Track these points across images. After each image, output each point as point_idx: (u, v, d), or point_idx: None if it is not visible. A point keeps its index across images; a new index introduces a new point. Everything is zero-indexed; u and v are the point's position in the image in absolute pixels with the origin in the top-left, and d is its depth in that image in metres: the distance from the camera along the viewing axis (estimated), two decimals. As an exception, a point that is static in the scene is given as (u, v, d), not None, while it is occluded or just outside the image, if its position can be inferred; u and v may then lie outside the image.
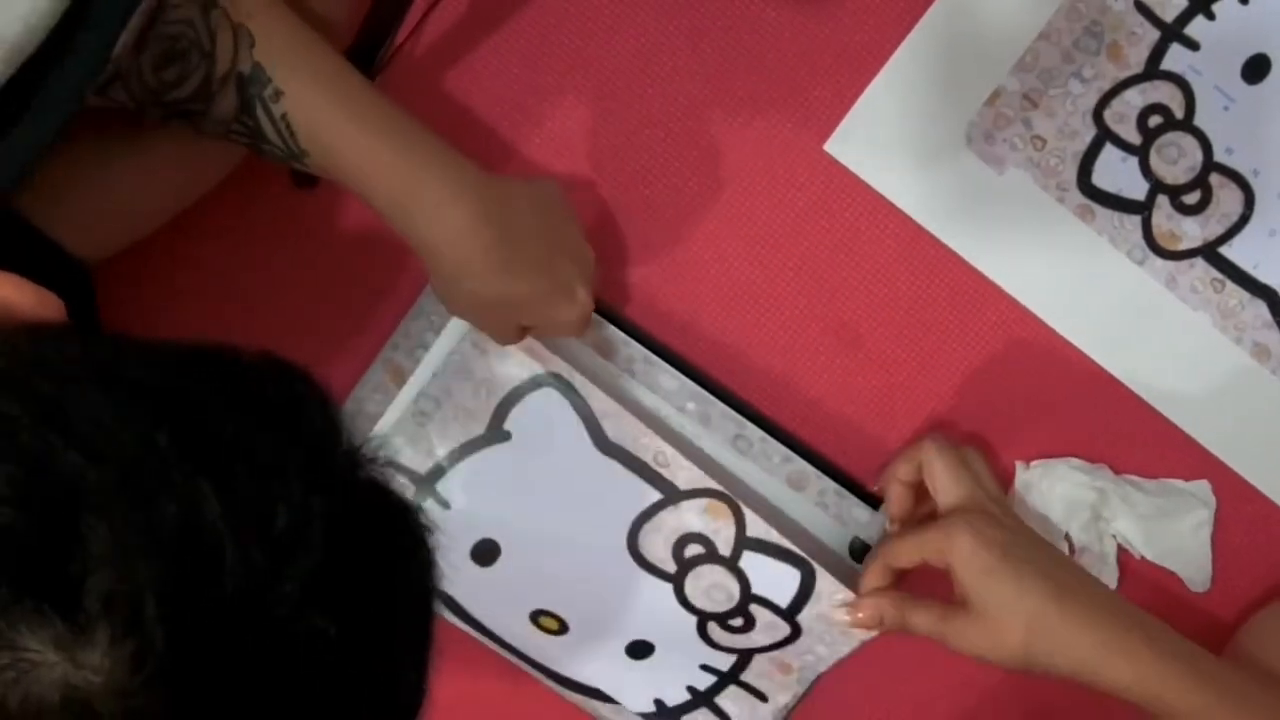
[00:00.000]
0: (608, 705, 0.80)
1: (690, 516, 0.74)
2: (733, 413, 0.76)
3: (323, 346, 0.76)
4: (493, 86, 0.74)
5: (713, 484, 0.73)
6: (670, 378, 0.75)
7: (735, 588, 0.75)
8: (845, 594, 0.74)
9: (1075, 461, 0.77)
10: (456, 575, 0.75)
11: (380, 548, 0.43)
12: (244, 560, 0.37)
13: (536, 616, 0.77)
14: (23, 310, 0.44)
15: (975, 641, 0.68)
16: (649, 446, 0.73)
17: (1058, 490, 0.77)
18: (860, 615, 0.73)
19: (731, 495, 0.73)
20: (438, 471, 0.74)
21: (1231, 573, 0.79)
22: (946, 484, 0.71)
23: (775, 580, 0.74)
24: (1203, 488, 0.78)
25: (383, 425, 0.74)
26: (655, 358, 0.75)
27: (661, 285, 0.76)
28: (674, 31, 0.74)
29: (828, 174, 0.75)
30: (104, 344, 0.44)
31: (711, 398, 0.75)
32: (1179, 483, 0.78)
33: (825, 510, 0.77)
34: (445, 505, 0.75)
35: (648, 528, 0.74)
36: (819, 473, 0.77)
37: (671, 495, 0.74)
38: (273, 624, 0.38)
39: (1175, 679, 0.67)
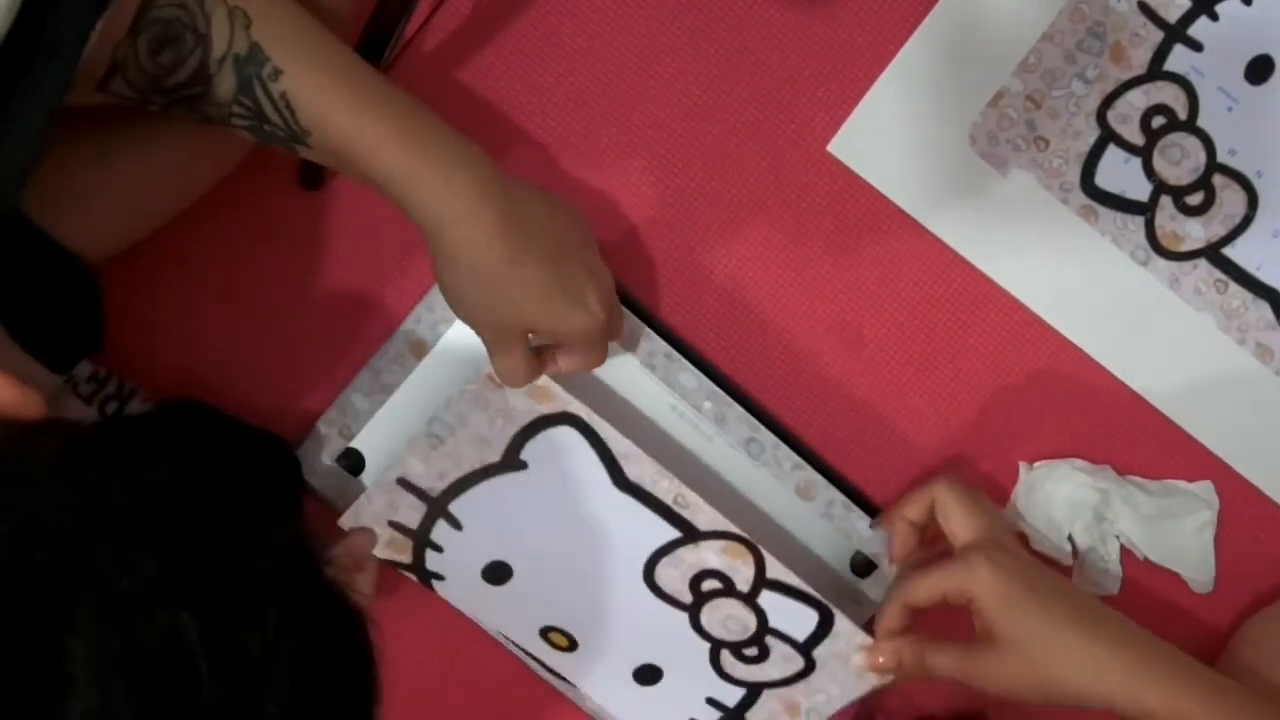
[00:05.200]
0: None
1: (709, 555, 0.72)
2: (748, 416, 0.76)
3: (336, 331, 0.76)
4: (496, 86, 0.74)
5: (732, 527, 0.71)
6: (690, 375, 0.75)
7: (752, 621, 0.74)
8: (863, 638, 0.72)
9: (1079, 462, 0.77)
10: (468, 592, 0.75)
11: (341, 670, 0.44)
12: (219, 690, 0.38)
13: (546, 632, 0.76)
14: (6, 408, 0.43)
15: (1003, 676, 0.66)
16: (669, 489, 0.71)
17: (1061, 491, 0.77)
18: (880, 660, 0.71)
19: (751, 539, 0.71)
20: (451, 493, 0.72)
21: (1235, 574, 0.79)
22: (963, 520, 0.69)
23: (793, 618, 0.73)
24: (1206, 489, 0.78)
25: (397, 443, 0.73)
26: (676, 354, 0.75)
27: (661, 286, 0.76)
28: (677, 32, 0.74)
29: (831, 175, 0.75)
30: (88, 453, 0.43)
31: (728, 399, 0.75)
32: (1182, 484, 0.78)
33: (830, 522, 0.77)
34: (457, 526, 0.73)
35: (665, 562, 0.73)
36: (827, 483, 0.77)
37: (690, 534, 0.72)
38: None
39: (1206, 710, 0.65)
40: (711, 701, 0.77)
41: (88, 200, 0.65)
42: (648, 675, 0.77)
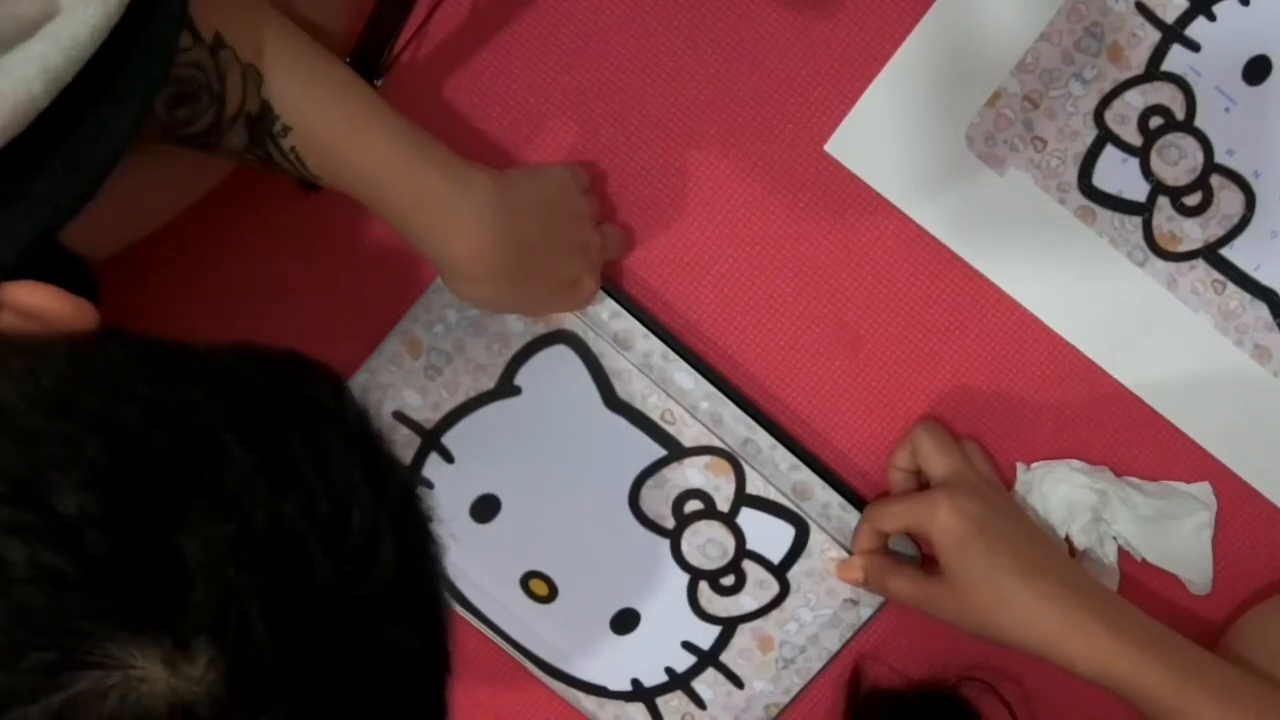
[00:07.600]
0: (590, 698, 0.80)
1: (692, 473, 0.76)
2: (745, 417, 0.76)
3: (332, 331, 0.77)
4: (494, 88, 0.74)
5: (716, 441, 0.75)
6: (686, 376, 0.76)
7: (730, 543, 0.77)
8: (837, 550, 0.77)
9: (1076, 463, 0.77)
10: (454, 534, 0.77)
11: (426, 554, 0.45)
12: (332, 567, 0.39)
13: (527, 580, 0.78)
14: (60, 321, 0.44)
15: (947, 609, 0.71)
16: (657, 405, 0.75)
17: (1059, 492, 0.77)
18: (848, 573, 0.76)
19: (734, 452, 0.75)
20: (444, 425, 0.75)
21: (1233, 575, 0.79)
22: (934, 458, 0.74)
23: (770, 536, 0.77)
24: (1204, 490, 0.78)
25: (393, 378, 0.75)
26: (673, 354, 0.75)
27: (660, 285, 0.76)
28: (674, 32, 0.74)
29: (828, 175, 0.75)
30: (159, 354, 0.43)
31: (725, 399, 0.76)
32: (1180, 485, 0.78)
33: (827, 523, 0.77)
34: (449, 459, 0.76)
35: (650, 484, 0.76)
36: (823, 484, 0.77)
37: (675, 451, 0.76)
38: (362, 630, 0.40)
39: (1132, 661, 0.67)
40: (687, 645, 0.79)
41: None
42: (625, 622, 0.79)
